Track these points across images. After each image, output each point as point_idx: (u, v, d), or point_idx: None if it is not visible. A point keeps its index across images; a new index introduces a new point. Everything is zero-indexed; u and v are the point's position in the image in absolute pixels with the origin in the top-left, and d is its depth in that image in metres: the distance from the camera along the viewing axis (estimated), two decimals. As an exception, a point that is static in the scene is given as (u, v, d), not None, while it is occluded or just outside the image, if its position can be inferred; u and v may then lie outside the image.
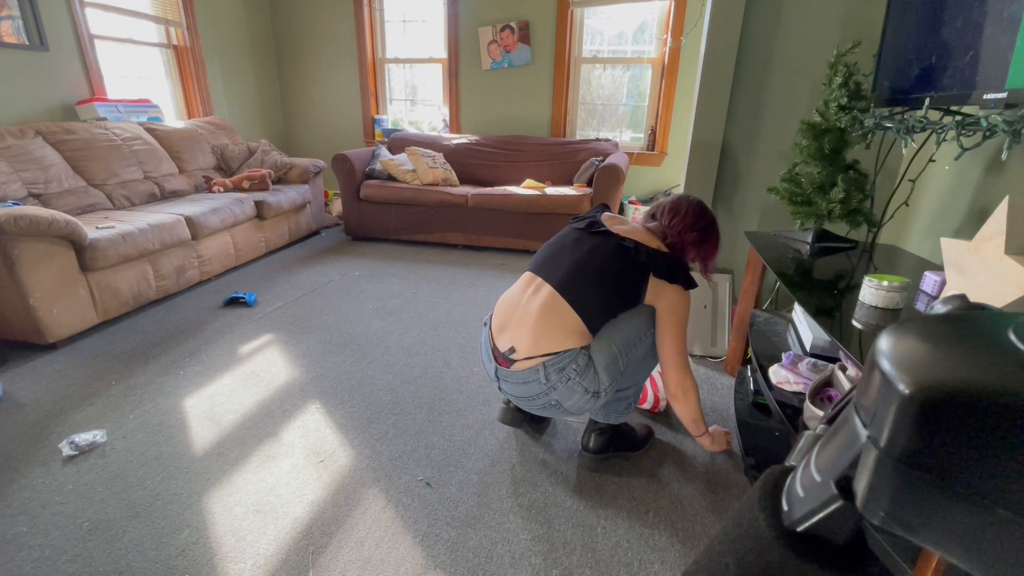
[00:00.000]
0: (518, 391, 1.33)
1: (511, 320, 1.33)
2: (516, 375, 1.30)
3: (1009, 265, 0.91)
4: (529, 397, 1.32)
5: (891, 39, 1.46)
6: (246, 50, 4.34)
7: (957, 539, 0.17)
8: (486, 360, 1.40)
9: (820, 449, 0.23)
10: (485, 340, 1.40)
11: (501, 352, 1.32)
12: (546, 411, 1.35)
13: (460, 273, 3.15)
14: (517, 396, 1.35)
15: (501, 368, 1.33)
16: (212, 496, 1.36)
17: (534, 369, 1.26)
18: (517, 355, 1.28)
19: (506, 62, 4.08)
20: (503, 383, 1.36)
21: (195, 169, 3.45)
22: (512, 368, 1.30)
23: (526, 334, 1.27)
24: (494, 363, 1.35)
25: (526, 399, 1.33)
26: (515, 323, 1.31)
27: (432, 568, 1.17)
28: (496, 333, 1.36)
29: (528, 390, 1.30)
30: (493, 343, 1.36)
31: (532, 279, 1.35)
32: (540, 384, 1.27)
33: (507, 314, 1.35)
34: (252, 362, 2.04)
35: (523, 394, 1.32)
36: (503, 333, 1.34)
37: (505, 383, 1.35)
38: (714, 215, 1.38)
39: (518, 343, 1.29)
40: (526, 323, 1.28)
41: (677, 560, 1.20)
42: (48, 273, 2.03)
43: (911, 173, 1.67)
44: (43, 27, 2.84)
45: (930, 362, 0.18)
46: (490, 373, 1.39)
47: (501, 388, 1.38)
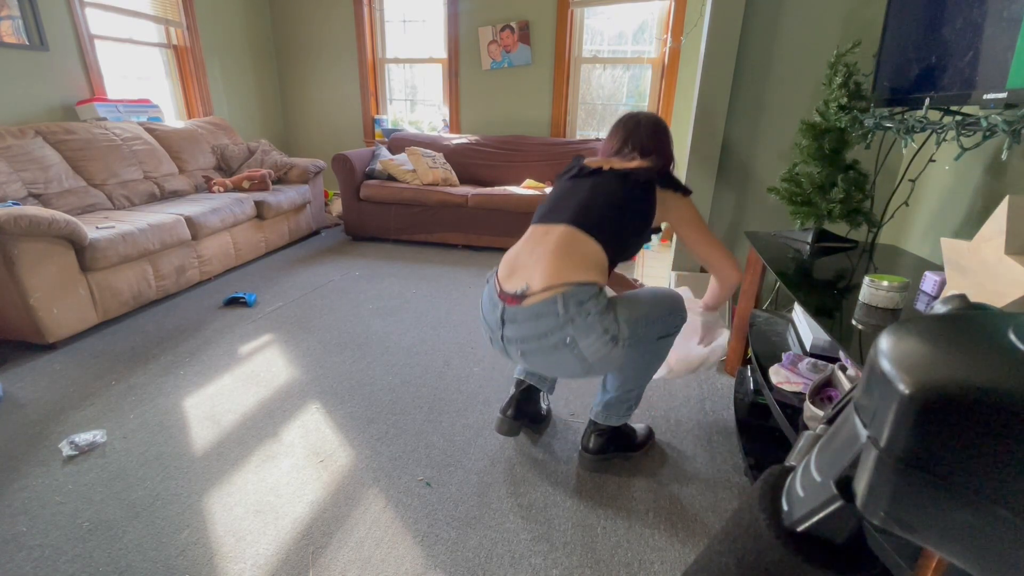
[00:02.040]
0: (526, 330, 1.20)
1: (522, 263, 1.25)
2: (527, 310, 1.18)
3: (1009, 265, 0.91)
4: (539, 335, 1.18)
5: (891, 39, 1.46)
6: (246, 50, 4.34)
7: (957, 539, 0.17)
8: (488, 311, 1.29)
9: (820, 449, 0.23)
10: (488, 291, 1.30)
11: (511, 292, 1.22)
12: (555, 357, 1.20)
13: (460, 273, 3.15)
14: (525, 338, 1.21)
15: (509, 308, 1.21)
16: (212, 496, 1.36)
17: (550, 300, 1.16)
18: (532, 290, 1.18)
19: (506, 62, 4.08)
20: (508, 328, 1.22)
21: (195, 169, 3.45)
22: (523, 304, 1.19)
23: (541, 270, 1.19)
24: (500, 306, 1.24)
25: (535, 339, 1.19)
26: (527, 265, 1.23)
27: (432, 568, 1.17)
28: (504, 280, 1.26)
29: (540, 326, 1.18)
30: (500, 288, 1.26)
31: (539, 228, 1.29)
32: (556, 317, 1.15)
33: (517, 260, 1.27)
34: (252, 362, 2.04)
35: (532, 332, 1.19)
36: (513, 277, 1.25)
37: (511, 326, 1.22)
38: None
39: (532, 280, 1.19)
40: (541, 261, 1.21)
41: (677, 560, 1.20)
42: (48, 273, 2.03)
43: (911, 173, 1.67)
44: (43, 27, 2.84)
45: (930, 362, 0.18)
46: (493, 323, 1.27)
47: (504, 338, 1.24)
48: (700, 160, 2.14)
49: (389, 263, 3.31)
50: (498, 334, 1.27)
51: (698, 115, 2.09)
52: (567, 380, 1.94)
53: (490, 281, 1.32)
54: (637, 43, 3.90)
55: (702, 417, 1.74)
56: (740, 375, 1.85)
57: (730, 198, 2.20)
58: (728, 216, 2.23)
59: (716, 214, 2.23)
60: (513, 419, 1.53)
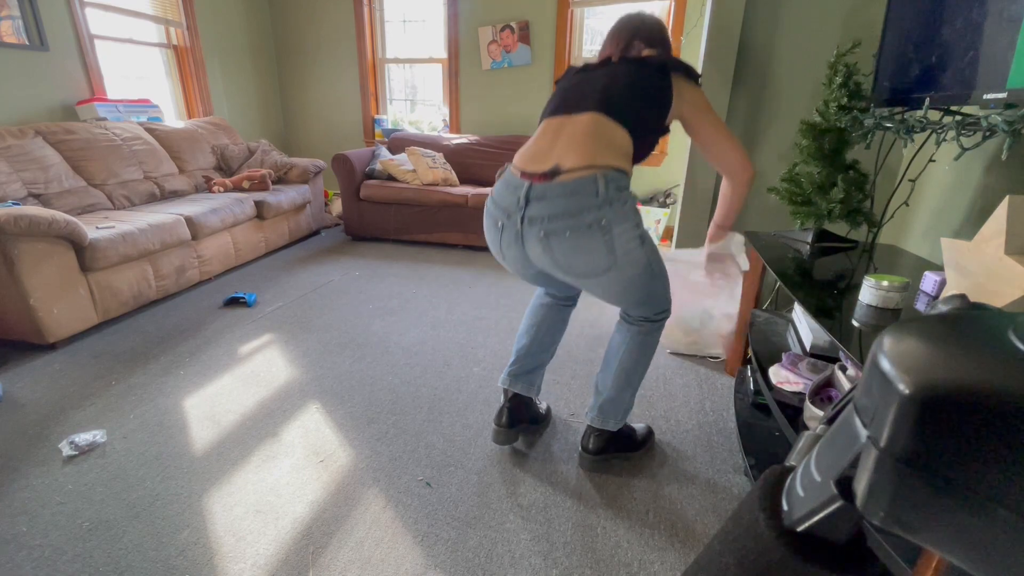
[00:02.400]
0: (557, 207, 1.08)
1: (543, 150, 1.14)
2: (561, 186, 1.08)
3: (1009, 265, 0.91)
4: (573, 213, 1.08)
5: (891, 39, 1.46)
6: (246, 50, 4.34)
7: (957, 539, 0.17)
8: (503, 195, 1.17)
9: (820, 449, 0.23)
10: (504, 181, 1.20)
11: (539, 172, 1.11)
12: (583, 241, 1.09)
13: (460, 273, 3.15)
14: (554, 215, 1.09)
15: (537, 185, 1.10)
16: (212, 496, 1.36)
17: (590, 178, 1.07)
18: (565, 168, 1.09)
19: (506, 62, 4.08)
20: (533, 206, 1.10)
21: (195, 169, 3.45)
22: (555, 181, 1.09)
23: (573, 151, 1.09)
24: (524, 185, 1.12)
25: (567, 216, 1.08)
26: (552, 150, 1.12)
27: (432, 568, 1.17)
28: (526, 164, 1.15)
29: (574, 203, 1.08)
30: (522, 171, 1.15)
31: (556, 119, 1.18)
32: (594, 196, 1.07)
33: (536, 149, 1.16)
34: (252, 362, 2.04)
35: (564, 209, 1.08)
36: (536, 161, 1.14)
37: (538, 204, 1.10)
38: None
39: (564, 160, 1.09)
40: (572, 143, 1.11)
41: (677, 560, 1.20)
42: (48, 273, 2.03)
43: (911, 173, 1.67)
44: (43, 27, 2.84)
45: (930, 362, 0.18)
46: (510, 206, 1.14)
47: (526, 219, 1.11)
48: (700, 160, 2.14)
49: (389, 263, 3.32)
50: (516, 217, 1.14)
51: (698, 115, 2.09)
52: (569, 380, 1.94)
53: (504, 174, 1.22)
54: (637, 43, 3.90)
55: (702, 417, 1.74)
56: (740, 375, 1.85)
57: (730, 198, 2.20)
58: (728, 216, 2.22)
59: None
60: (508, 427, 1.50)
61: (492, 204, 1.23)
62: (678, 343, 2.17)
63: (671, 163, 3.98)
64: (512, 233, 1.18)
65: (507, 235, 1.20)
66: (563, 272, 1.18)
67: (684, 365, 2.08)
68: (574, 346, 2.23)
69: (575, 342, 2.27)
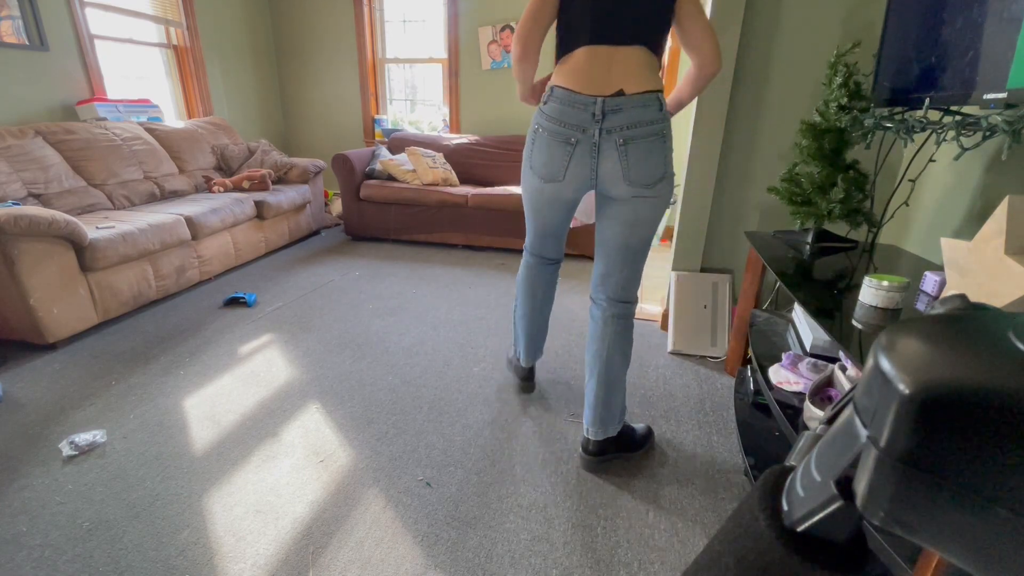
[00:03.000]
0: (636, 116, 1.26)
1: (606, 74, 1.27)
2: (635, 99, 1.26)
3: (1009, 265, 0.91)
4: (648, 122, 1.27)
5: (891, 39, 1.46)
6: (246, 50, 4.34)
7: (957, 539, 0.17)
8: (572, 115, 1.29)
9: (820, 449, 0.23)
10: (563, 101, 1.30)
11: (607, 93, 1.27)
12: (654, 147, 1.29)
13: (460, 273, 3.15)
14: (634, 123, 1.27)
15: (611, 99, 1.26)
16: (212, 496, 1.36)
17: (653, 96, 1.27)
18: (629, 90, 1.26)
19: (506, 62, 4.08)
20: (612, 118, 1.26)
21: (195, 169, 3.45)
22: (628, 95, 1.26)
23: (633, 78, 1.26)
24: (598, 101, 1.26)
25: (645, 124, 1.27)
26: (614, 75, 1.27)
27: (432, 568, 1.17)
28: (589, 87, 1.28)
29: (647, 113, 1.27)
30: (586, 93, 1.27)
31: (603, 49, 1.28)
32: (659, 111, 1.27)
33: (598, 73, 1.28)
34: (252, 362, 2.04)
35: (643, 118, 1.27)
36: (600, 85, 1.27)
37: (616, 116, 1.26)
38: None
39: (627, 86, 1.26)
40: (629, 71, 1.27)
41: (677, 560, 1.20)
42: (48, 273, 2.03)
43: (911, 173, 1.67)
44: (43, 27, 2.84)
45: (930, 362, 0.18)
46: (584, 121, 1.28)
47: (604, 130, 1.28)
48: (700, 160, 2.14)
49: (389, 263, 3.32)
50: (593, 129, 1.28)
51: (698, 115, 2.09)
52: (569, 380, 1.95)
53: (552, 96, 1.32)
54: (637, 43, 3.90)
55: (702, 417, 1.74)
56: (740, 375, 1.85)
57: (730, 198, 2.20)
58: (728, 216, 2.23)
59: (716, 214, 2.23)
60: (530, 380, 1.87)
61: (558, 125, 1.32)
62: (679, 343, 2.18)
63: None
64: (588, 146, 1.30)
65: (581, 149, 1.31)
66: (626, 181, 1.30)
67: (684, 365, 2.09)
68: (574, 346, 2.23)
69: (575, 342, 2.27)
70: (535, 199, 1.46)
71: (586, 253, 3.46)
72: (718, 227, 2.25)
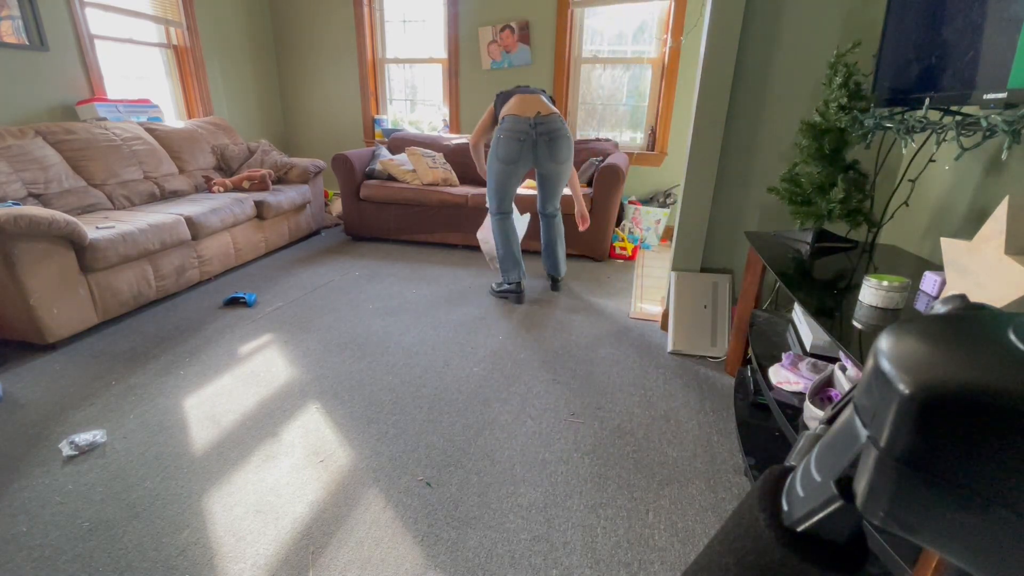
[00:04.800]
0: (553, 125, 2.42)
1: (531, 106, 2.43)
2: (549, 117, 2.42)
3: (1009, 265, 0.91)
4: (559, 129, 2.43)
5: (891, 39, 1.46)
6: (246, 50, 4.34)
7: (957, 539, 0.17)
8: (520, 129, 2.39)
9: (820, 449, 0.23)
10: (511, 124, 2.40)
11: (532, 114, 2.40)
12: (565, 142, 2.46)
13: (460, 273, 3.15)
14: (552, 131, 2.42)
15: (537, 118, 2.40)
16: (212, 496, 1.36)
17: (556, 114, 2.46)
18: (544, 113, 2.42)
19: (506, 62, 4.08)
20: (540, 127, 2.40)
21: (195, 169, 3.45)
22: (544, 116, 2.41)
23: (544, 107, 2.45)
24: (530, 120, 2.39)
25: (557, 130, 2.43)
26: (534, 106, 2.43)
27: (432, 568, 1.17)
28: (524, 112, 2.41)
29: (556, 123, 2.43)
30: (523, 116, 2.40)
31: (527, 95, 2.48)
32: (561, 122, 2.45)
33: (528, 105, 2.43)
34: (252, 362, 2.04)
35: (557, 127, 2.43)
36: (530, 111, 2.41)
37: (542, 126, 2.40)
38: None
39: (542, 110, 2.43)
40: (540, 103, 2.45)
41: (677, 560, 1.20)
42: (48, 273, 2.03)
43: (911, 173, 1.67)
44: (43, 27, 2.84)
45: (930, 362, 0.18)
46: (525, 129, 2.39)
47: (537, 133, 2.40)
48: (700, 160, 2.14)
49: (389, 263, 3.32)
50: (532, 133, 2.40)
51: (698, 115, 2.09)
52: (569, 380, 1.95)
53: (505, 122, 2.43)
54: (637, 43, 3.90)
55: (702, 417, 1.75)
56: (740, 375, 1.85)
57: (730, 198, 2.20)
58: (728, 216, 2.23)
59: (716, 214, 2.23)
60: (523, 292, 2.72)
61: (512, 133, 2.40)
62: (679, 343, 2.18)
63: (671, 163, 3.99)
64: (530, 143, 2.43)
65: (526, 144, 2.43)
66: (552, 161, 2.48)
67: (684, 365, 2.09)
68: (574, 346, 2.23)
69: (575, 342, 2.27)
70: (501, 175, 2.51)
71: (586, 253, 3.46)
72: (718, 227, 2.25)
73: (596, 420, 1.72)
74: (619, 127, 4.16)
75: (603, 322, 2.48)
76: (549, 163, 2.47)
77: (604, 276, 3.17)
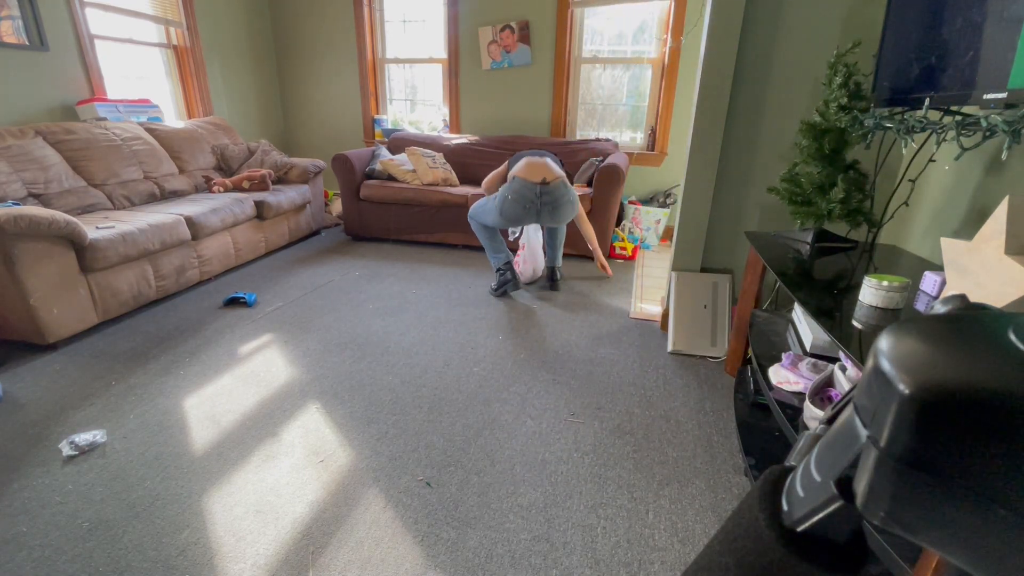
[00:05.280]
0: (556, 194, 2.55)
1: (539, 171, 2.55)
2: (554, 186, 2.55)
3: (1009, 265, 0.91)
4: (563, 195, 2.58)
5: (891, 39, 1.46)
6: (246, 50, 4.34)
7: (957, 539, 0.17)
8: (525, 193, 2.52)
9: (820, 449, 0.23)
10: (518, 187, 2.54)
11: (539, 181, 2.53)
12: (568, 207, 2.63)
13: (460, 273, 3.15)
14: (555, 199, 2.56)
15: (543, 186, 2.53)
16: (212, 496, 1.36)
17: (562, 182, 2.58)
18: (549, 179, 2.54)
19: (506, 62, 4.08)
20: (545, 196, 2.53)
21: (195, 169, 3.45)
22: (550, 183, 2.54)
23: (551, 172, 2.57)
24: (536, 188, 2.52)
25: (563, 196, 2.59)
26: (542, 171, 2.56)
27: (432, 568, 1.17)
28: (532, 178, 2.53)
29: (561, 190, 2.57)
30: (531, 181, 2.53)
31: (535, 159, 2.62)
32: (566, 188, 2.60)
33: (530, 170, 2.56)
34: (252, 362, 2.04)
35: (559, 195, 2.57)
36: (538, 176, 2.54)
37: (547, 195, 2.54)
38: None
39: (548, 176, 2.55)
40: (548, 169, 2.58)
41: (677, 560, 1.20)
42: (48, 273, 2.03)
43: (911, 173, 1.67)
44: (43, 27, 2.84)
45: (930, 362, 0.18)
46: (532, 197, 2.52)
47: (542, 202, 2.53)
48: (700, 160, 2.14)
49: (389, 263, 3.32)
50: (537, 202, 2.54)
51: (698, 115, 2.09)
52: (569, 380, 1.95)
53: (514, 183, 2.55)
54: (637, 43, 3.90)
55: (702, 417, 1.75)
56: (740, 375, 1.85)
57: (730, 198, 2.20)
58: (728, 216, 2.23)
59: (716, 214, 2.23)
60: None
61: (518, 196, 2.54)
62: (679, 343, 2.18)
63: (671, 163, 3.99)
64: (535, 209, 2.57)
65: (531, 210, 2.56)
66: (555, 221, 2.68)
67: (684, 365, 2.09)
68: (574, 346, 2.23)
69: (575, 342, 2.27)
70: (499, 224, 2.68)
71: (587, 253, 3.46)
72: (718, 227, 2.25)
73: (596, 420, 1.72)
74: (619, 127, 4.16)
75: (603, 322, 2.48)
76: (552, 223, 2.69)
77: (604, 276, 3.17)
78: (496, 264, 2.80)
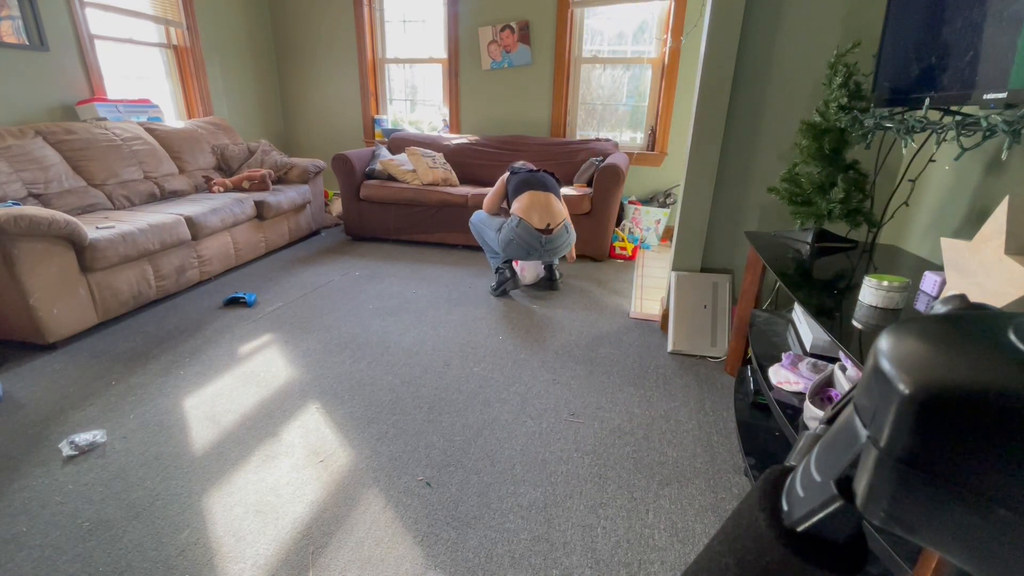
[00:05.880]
0: (558, 241, 2.64)
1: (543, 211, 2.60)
2: (556, 235, 2.62)
3: (1009, 265, 0.91)
4: (563, 240, 2.67)
5: (891, 39, 1.46)
6: (246, 50, 4.34)
7: (957, 539, 0.17)
8: (529, 239, 2.57)
9: (820, 449, 0.23)
10: (524, 230, 2.57)
11: (543, 227, 2.58)
12: (565, 246, 2.70)
13: (460, 273, 3.15)
14: (556, 245, 2.65)
15: (546, 235, 2.59)
16: (212, 496, 1.36)
17: (564, 226, 2.65)
18: (552, 225, 2.60)
19: (506, 62, 4.08)
20: (547, 244, 2.61)
21: (195, 169, 3.45)
22: (554, 231, 2.60)
23: (554, 215, 2.62)
24: (540, 236, 2.57)
25: (562, 240, 2.66)
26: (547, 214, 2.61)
27: (432, 568, 1.17)
28: (537, 223, 2.57)
29: (562, 237, 2.65)
30: (536, 227, 2.57)
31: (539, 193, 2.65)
32: (568, 233, 2.69)
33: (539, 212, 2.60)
34: (252, 362, 2.04)
35: (560, 242, 2.65)
36: (543, 220, 2.59)
37: (549, 243, 2.61)
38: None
39: (553, 221, 2.61)
40: (553, 209, 2.63)
41: (677, 560, 1.20)
42: (48, 273, 2.03)
43: (911, 173, 1.67)
44: (43, 27, 2.84)
45: (930, 362, 0.18)
46: (535, 242, 2.58)
47: (544, 246, 2.61)
48: (700, 160, 2.14)
49: (389, 263, 3.32)
50: (540, 248, 2.62)
51: (698, 115, 2.09)
52: (569, 380, 1.95)
53: (519, 227, 2.57)
54: (637, 43, 3.90)
55: (702, 417, 1.75)
56: (740, 375, 1.85)
57: (730, 198, 2.20)
58: (728, 216, 2.23)
59: (716, 214, 2.23)
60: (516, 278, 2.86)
61: (523, 242, 2.60)
62: (679, 343, 2.18)
63: (671, 163, 3.99)
64: (538, 252, 2.65)
65: (535, 251, 2.64)
66: (555, 256, 2.74)
67: (684, 365, 2.09)
68: (574, 346, 2.23)
69: (575, 342, 2.27)
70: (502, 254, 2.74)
71: (586, 253, 3.46)
72: (718, 227, 2.25)
73: (596, 420, 1.72)
74: (619, 127, 4.16)
75: (603, 322, 2.48)
76: (551, 258, 2.81)
77: (604, 276, 3.17)
78: (495, 264, 2.82)
